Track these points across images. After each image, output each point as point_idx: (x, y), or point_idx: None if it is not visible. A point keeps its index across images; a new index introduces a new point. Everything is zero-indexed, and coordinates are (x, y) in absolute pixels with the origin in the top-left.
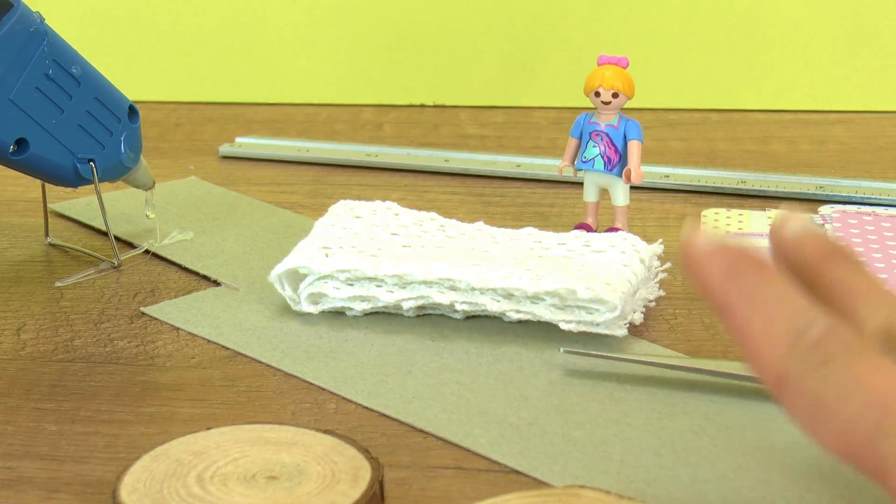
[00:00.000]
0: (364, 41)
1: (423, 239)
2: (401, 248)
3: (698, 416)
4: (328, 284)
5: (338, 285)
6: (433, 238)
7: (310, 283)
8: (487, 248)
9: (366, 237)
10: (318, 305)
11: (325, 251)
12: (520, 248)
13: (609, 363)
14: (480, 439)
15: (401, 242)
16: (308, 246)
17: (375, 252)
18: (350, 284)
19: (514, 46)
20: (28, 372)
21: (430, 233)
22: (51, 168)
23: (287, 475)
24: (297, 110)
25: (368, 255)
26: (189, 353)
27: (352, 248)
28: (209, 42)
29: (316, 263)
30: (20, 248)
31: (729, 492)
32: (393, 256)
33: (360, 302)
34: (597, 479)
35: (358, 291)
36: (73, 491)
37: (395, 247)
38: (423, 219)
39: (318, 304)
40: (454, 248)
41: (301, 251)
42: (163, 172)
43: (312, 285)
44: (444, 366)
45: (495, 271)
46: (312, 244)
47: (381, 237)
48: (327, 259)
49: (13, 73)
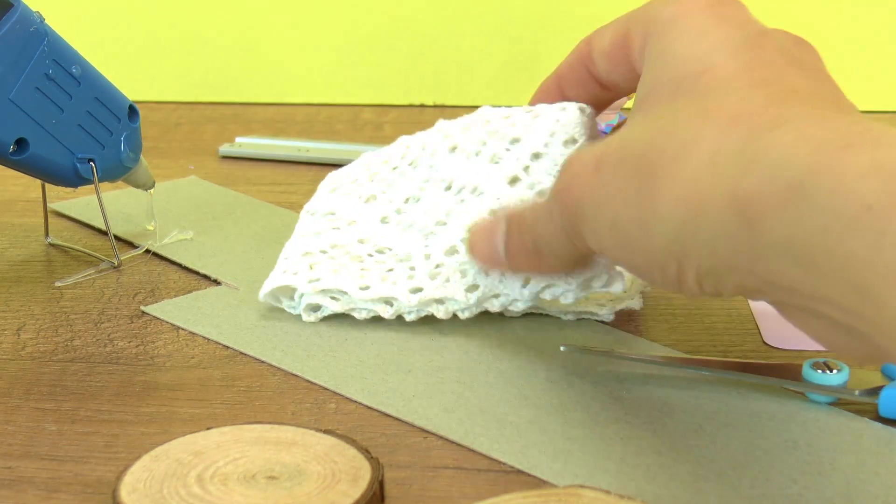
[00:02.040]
0: (364, 41)
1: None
2: (380, 227)
3: (698, 415)
4: (322, 296)
5: (335, 295)
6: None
7: (302, 295)
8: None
9: (345, 222)
10: (318, 313)
11: (308, 260)
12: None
13: (609, 362)
14: (480, 438)
15: (379, 213)
16: (293, 251)
17: (359, 252)
18: (344, 293)
19: (514, 46)
20: (28, 372)
21: (398, 169)
22: (51, 168)
23: (287, 475)
24: (297, 110)
25: (353, 258)
26: (189, 353)
27: (335, 252)
28: (209, 42)
29: (301, 281)
30: (20, 248)
31: (729, 490)
32: (377, 253)
33: (360, 311)
34: (597, 478)
35: (354, 303)
36: (73, 491)
37: (375, 224)
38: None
39: (318, 312)
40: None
41: (286, 260)
42: (163, 172)
43: (308, 296)
44: (444, 364)
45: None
46: (296, 248)
47: (358, 211)
48: (313, 272)
49: (13, 73)
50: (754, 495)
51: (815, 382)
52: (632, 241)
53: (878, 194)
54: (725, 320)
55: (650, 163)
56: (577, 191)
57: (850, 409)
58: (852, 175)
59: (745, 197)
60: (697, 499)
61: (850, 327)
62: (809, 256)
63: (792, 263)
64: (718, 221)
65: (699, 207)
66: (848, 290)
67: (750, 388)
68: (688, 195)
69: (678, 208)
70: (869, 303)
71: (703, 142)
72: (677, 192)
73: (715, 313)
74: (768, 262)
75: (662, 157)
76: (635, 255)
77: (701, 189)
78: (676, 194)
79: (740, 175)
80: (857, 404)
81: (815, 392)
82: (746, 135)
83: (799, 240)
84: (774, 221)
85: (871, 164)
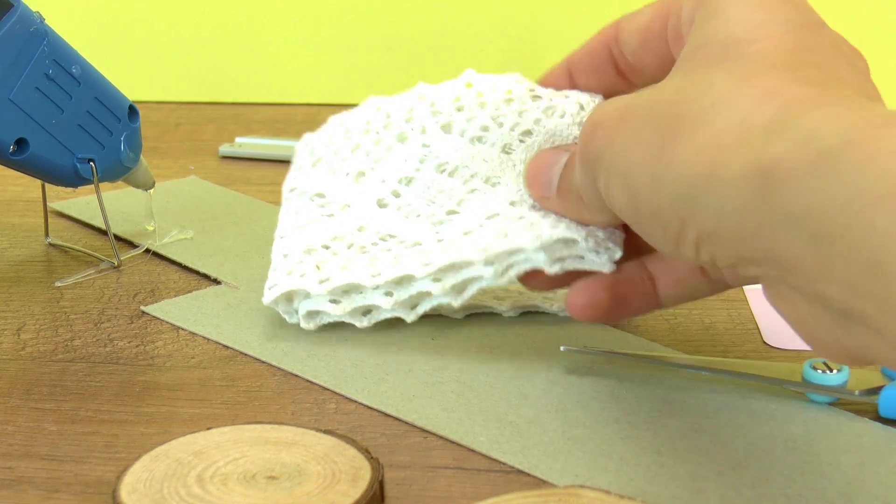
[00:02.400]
0: (364, 41)
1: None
2: (379, 212)
3: (698, 415)
4: (324, 300)
5: (337, 297)
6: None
7: (304, 301)
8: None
9: (339, 206)
10: (317, 319)
11: (313, 259)
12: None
13: (609, 361)
14: (480, 437)
15: (375, 195)
16: (292, 248)
17: (363, 241)
18: (347, 292)
19: (514, 46)
20: (28, 372)
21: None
22: (51, 168)
23: (287, 475)
24: (297, 110)
25: (358, 250)
26: (189, 353)
27: (338, 245)
28: (209, 42)
29: (311, 282)
30: (20, 248)
31: (729, 490)
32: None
33: (360, 317)
34: (597, 477)
35: (355, 301)
36: (73, 491)
37: (373, 208)
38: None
39: (317, 319)
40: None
41: (286, 259)
42: (163, 172)
43: (309, 302)
44: (444, 364)
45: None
46: (296, 245)
47: (352, 194)
48: (321, 272)
49: (13, 73)
50: (754, 495)
51: (815, 382)
52: (641, 192)
53: None
54: (725, 320)
55: (676, 116)
56: (599, 139)
57: (850, 409)
58: (887, 153)
59: (769, 161)
60: (697, 499)
61: (847, 311)
62: (824, 229)
63: (803, 236)
64: (732, 187)
65: (713, 171)
66: (860, 267)
67: (750, 388)
68: (705, 156)
69: (693, 167)
70: (882, 280)
71: (735, 106)
72: (695, 149)
73: (715, 313)
74: (776, 233)
75: (689, 113)
76: (641, 207)
77: (720, 152)
78: (694, 152)
79: (765, 143)
80: (857, 404)
81: (815, 392)
82: (782, 107)
83: (816, 211)
84: (795, 190)
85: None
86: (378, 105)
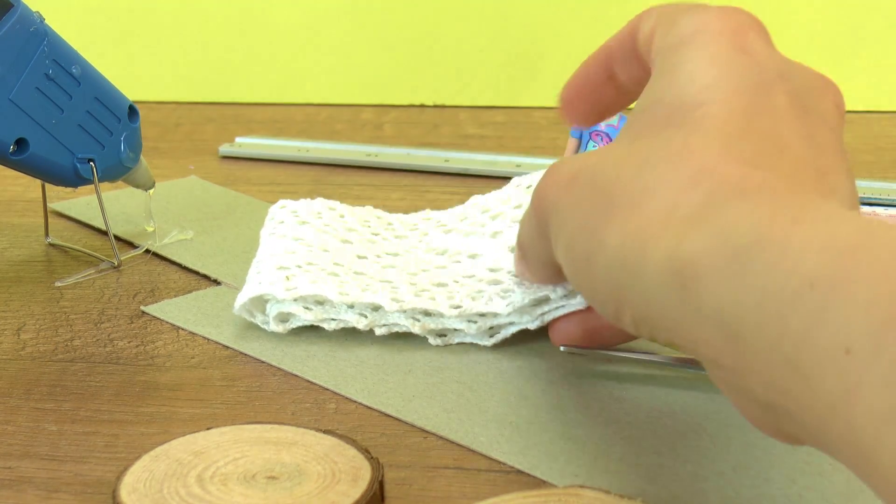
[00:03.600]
0: (364, 41)
1: (376, 245)
2: (357, 261)
3: (698, 415)
4: (296, 305)
5: (308, 305)
6: (385, 243)
7: (274, 304)
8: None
9: (319, 249)
10: (287, 324)
11: (284, 273)
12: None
13: (609, 361)
14: (480, 437)
15: (356, 252)
16: (265, 267)
17: (335, 270)
18: (320, 303)
19: (514, 46)
20: (28, 372)
21: (380, 235)
22: (51, 168)
23: (287, 475)
24: (297, 110)
25: (329, 274)
26: (189, 353)
27: (310, 267)
28: (209, 42)
29: (279, 289)
30: (20, 248)
31: (729, 490)
32: (353, 274)
33: (330, 321)
34: (597, 478)
35: (327, 313)
36: (73, 491)
37: (351, 258)
38: (369, 217)
39: (287, 323)
40: (407, 260)
41: (259, 274)
42: (163, 172)
43: (279, 304)
44: (444, 364)
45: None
46: (269, 264)
47: (333, 246)
48: (289, 282)
49: (13, 73)
50: (754, 495)
51: None
52: (580, 267)
53: (822, 271)
54: None
55: (611, 198)
56: (550, 199)
57: None
58: (798, 250)
59: (684, 258)
60: (697, 499)
61: (771, 405)
62: (740, 329)
63: (719, 334)
64: (654, 278)
65: (639, 259)
66: (778, 366)
67: None
68: (633, 243)
69: (621, 253)
70: (799, 380)
71: (664, 193)
72: (624, 236)
73: None
74: (694, 330)
75: (622, 197)
76: (582, 281)
77: (646, 241)
78: (623, 239)
79: (684, 237)
80: None
81: None
82: (707, 195)
83: (730, 311)
84: (711, 288)
85: (818, 241)
86: (379, 214)
